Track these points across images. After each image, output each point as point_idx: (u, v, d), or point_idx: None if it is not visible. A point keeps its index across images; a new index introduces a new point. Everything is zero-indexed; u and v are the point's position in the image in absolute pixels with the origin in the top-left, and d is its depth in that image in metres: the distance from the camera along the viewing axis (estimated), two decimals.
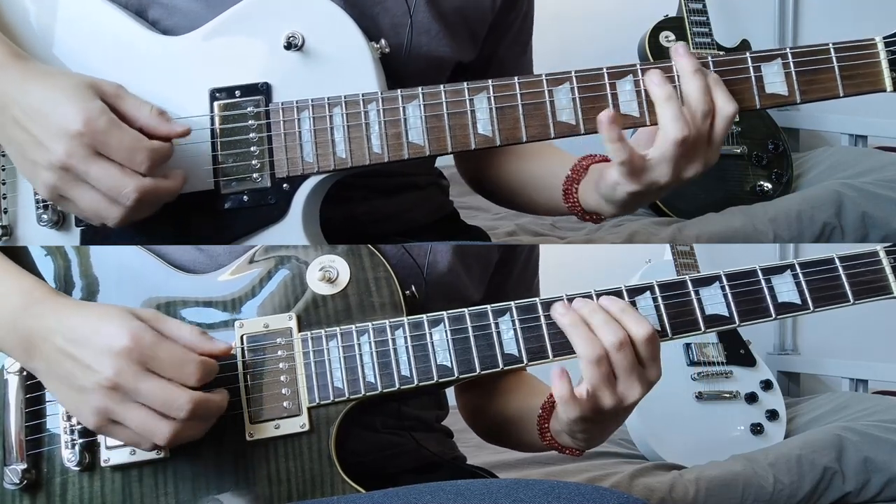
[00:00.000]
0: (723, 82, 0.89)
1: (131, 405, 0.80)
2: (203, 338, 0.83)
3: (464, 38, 1.06)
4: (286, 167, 0.92)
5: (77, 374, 0.80)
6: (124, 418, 0.80)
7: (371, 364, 0.88)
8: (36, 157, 0.83)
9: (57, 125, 0.82)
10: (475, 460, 1.16)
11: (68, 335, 0.81)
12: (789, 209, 2.21)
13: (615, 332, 0.85)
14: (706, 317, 0.90)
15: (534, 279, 1.19)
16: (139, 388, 0.79)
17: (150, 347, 0.80)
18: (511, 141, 0.91)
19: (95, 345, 0.80)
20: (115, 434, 0.82)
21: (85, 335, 0.80)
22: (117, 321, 0.81)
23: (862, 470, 1.98)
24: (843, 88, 0.90)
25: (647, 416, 2.22)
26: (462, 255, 1.01)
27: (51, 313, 0.83)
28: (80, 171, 0.83)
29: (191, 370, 0.81)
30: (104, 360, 0.79)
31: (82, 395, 0.80)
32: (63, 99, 0.83)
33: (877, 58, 0.90)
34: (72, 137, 0.82)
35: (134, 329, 0.80)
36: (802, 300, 0.91)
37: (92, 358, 0.79)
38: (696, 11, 2.50)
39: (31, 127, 0.83)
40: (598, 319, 0.86)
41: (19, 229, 0.94)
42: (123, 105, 0.86)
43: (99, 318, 0.82)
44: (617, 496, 0.77)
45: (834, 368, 2.79)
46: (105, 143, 0.82)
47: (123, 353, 0.79)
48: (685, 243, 2.32)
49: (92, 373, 0.79)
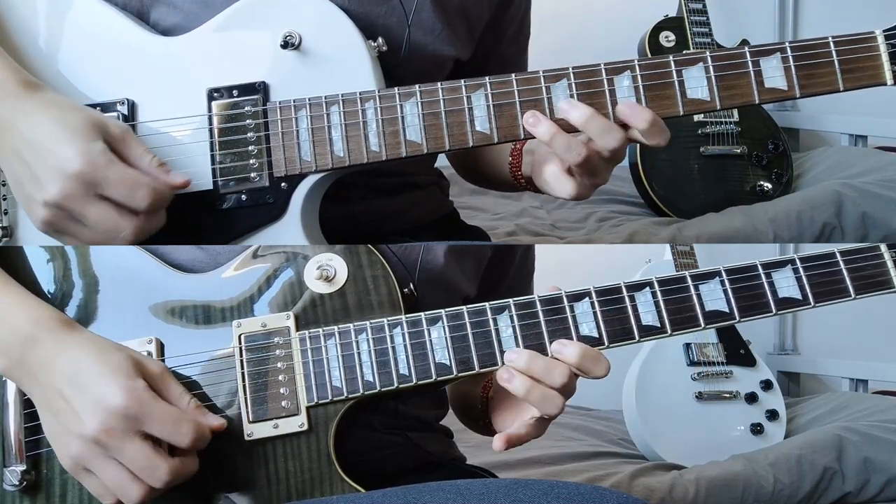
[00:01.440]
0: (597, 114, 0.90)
1: (109, 461, 0.79)
2: (199, 410, 0.83)
3: (463, 35, 1.07)
4: (284, 166, 0.92)
5: (66, 417, 0.80)
6: (99, 472, 0.80)
7: (369, 363, 0.87)
8: (32, 193, 0.83)
9: (55, 164, 0.81)
10: (475, 460, 1.15)
11: (69, 377, 0.80)
12: (789, 209, 2.21)
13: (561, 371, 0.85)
14: (706, 313, 0.89)
15: (529, 282, 1.19)
16: (123, 448, 0.79)
17: (145, 408, 0.80)
18: (509, 138, 0.91)
19: (91, 395, 0.79)
20: (85, 481, 0.82)
21: (83, 382, 0.80)
22: (119, 376, 0.80)
23: (862, 470, 1.98)
24: (842, 82, 0.89)
25: (647, 416, 2.22)
26: (457, 251, 1.01)
27: (57, 350, 0.82)
28: (76, 212, 0.82)
29: (186, 430, 0.80)
30: (94, 414, 0.79)
31: (64, 438, 0.81)
32: (66, 137, 0.82)
33: (877, 51, 0.89)
34: (69, 178, 0.81)
35: (132, 390, 0.80)
36: (803, 295, 0.90)
37: (83, 407, 0.79)
38: (696, 11, 2.50)
39: (30, 160, 0.82)
40: (538, 366, 0.86)
41: (20, 230, 0.94)
42: (126, 150, 0.85)
43: (102, 367, 0.81)
44: (617, 496, 0.77)
45: (834, 368, 2.79)
46: (105, 181, 0.82)
47: (116, 411, 0.79)
48: (685, 243, 2.32)
49: (79, 422, 0.79)
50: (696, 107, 0.90)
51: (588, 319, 0.88)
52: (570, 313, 0.88)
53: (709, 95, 0.90)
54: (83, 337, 0.84)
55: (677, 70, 0.90)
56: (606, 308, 0.88)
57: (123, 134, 0.85)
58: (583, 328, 0.88)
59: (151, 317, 0.90)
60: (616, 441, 2.31)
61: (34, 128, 0.83)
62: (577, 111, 0.89)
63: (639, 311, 0.89)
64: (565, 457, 2.11)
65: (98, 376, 0.80)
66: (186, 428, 0.81)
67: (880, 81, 0.90)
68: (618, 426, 2.37)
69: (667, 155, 2.35)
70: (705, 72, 0.90)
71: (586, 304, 0.88)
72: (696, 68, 0.90)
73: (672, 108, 0.90)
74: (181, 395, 0.83)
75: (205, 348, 0.88)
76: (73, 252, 0.92)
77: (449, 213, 1.20)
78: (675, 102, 0.90)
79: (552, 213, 2.37)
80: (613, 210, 2.38)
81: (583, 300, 0.89)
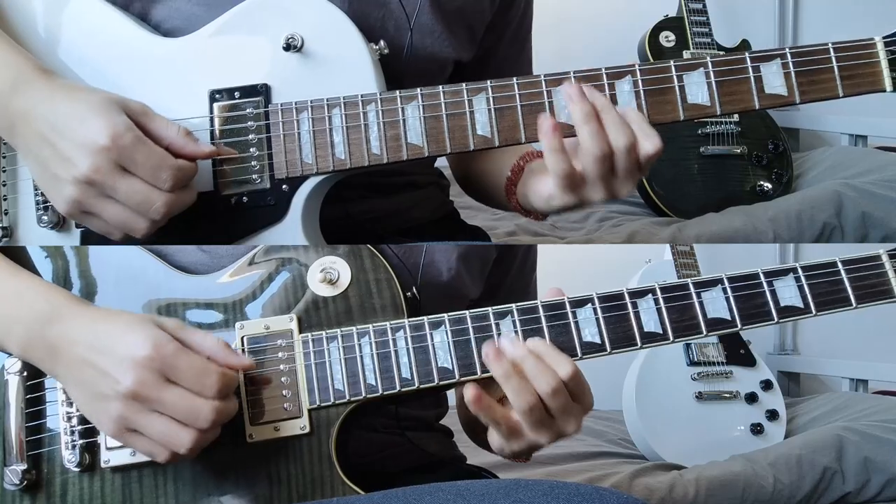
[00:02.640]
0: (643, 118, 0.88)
1: (152, 415, 0.79)
2: (226, 350, 0.83)
3: (463, 37, 1.07)
4: (285, 168, 0.92)
5: (98, 382, 0.80)
6: (144, 428, 0.80)
7: (372, 366, 0.87)
8: (59, 172, 0.83)
9: (83, 139, 0.81)
10: (475, 460, 1.15)
11: (92, 343, 0.81)
12: (789, 209, 2.21)
13: (549, 380, 0.84)
14: (708, 320, 0.89)
15: (531, 279, 1.19)
16: (161, 397, 0.79)
17: (171, 357, 0.80)
18: (510, 142, 0.91)
19: (117, 353, 0.80)
20: (134, 443, 0.81)
21: (108, 344, 0.80)
22: (140, 330, 0.80)
23: (862, 470, 1.98)
24: (842, 89, 0.90)
25: (647, 416, 2.22)
26: (461, 254, 1.01)
27: (75, 322, 0.83)
28: (106, 185, 0.82)
29: (211, 381, 0.80)
30: (125, 369, 0.79)
31: (102, 403, 0.80)
32: (89, 114, 0.82)
33: (876, 58, 0.90)
34: (98, 152, 0.81)
35: (156, 338, 0.80)
36: (805, 304, 0.90)
37: (113, 366, 0.79)
38: (696, 11, 2.50)
39: (56, 141, 0.82)
40: (529, 366, 0.84)
41: (20, 230, 0.94)
42: (150, 123, 0.85)
43: (122, 327, 0.81)
44: (617, 496, 0.77)
45: (834, 368, 2.79)
46: (131, 159, 0.82)
47: (145, 363, 0.79)
48: (685, 243, 2.32)
49: (112, 381, 0.79)
50: (696, 112, 0.90)
51: (590, 325, 0.88)
52: (572, 319, 0.88)
53: (709, 101, 0.90)
54: (94, 308, 0.86)
55: (678, 75, 0.90)
56: (609, 314, 0.88)
57: (144, 108, 0.86)
58: (585, 334, 0.88)
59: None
60: (616, 441, 2.31)
61: (56, 110, 0.83)
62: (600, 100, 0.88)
63: (641, 317, 0.89)
64: (565, 457, 2.12)
65: (120, 333, 0.81)
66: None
67: (879, 88, 0.90)
68: (618, 426, 2.37)
69: (667, 155, 2.33)
70: (706, 77, 0.90)
71: (589, 310, 0.89)
72: (697, 73, 0.90)
73: (672, 112, 0.90)
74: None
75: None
76: (72, 253, 0.92)
77: (449, 212, 1.20)
78: (675, 107, 0.90)
79: None
80: (613, 210, 2.38)
81: (585, 306, 0.89)
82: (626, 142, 0.87)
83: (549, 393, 0.83)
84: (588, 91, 0.88)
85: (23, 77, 0.86)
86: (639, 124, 0.88)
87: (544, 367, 0.84)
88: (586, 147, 0.87)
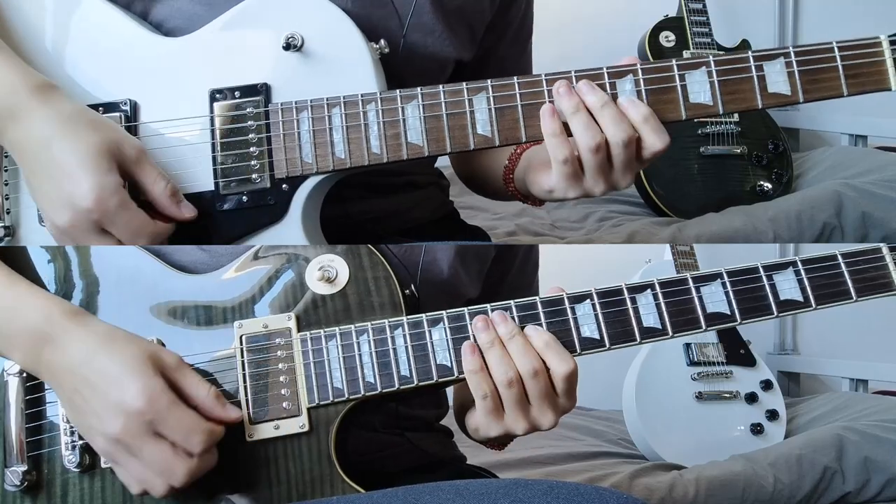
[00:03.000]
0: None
1: (132, 458, 0.81)
2: (217, 403, 0.83)
3: (463, 36, 1.07)
4: (285, 168, 0.92)
5: (87, 414, 0.81)
6: (124, 466, 0.82)
7: (370, 364, 0.88)
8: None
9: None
10: (475, 460, 1.16)
11: (86, 377, 0.81)
12: (789, 209, 2.21)
13: (531, 361, 0.85)
14: (707, 315, 0.89)
15: (534, 277, 1.19)
16: (142, 449, 0.80)
17: (163, 412, 0.80)
18: (510, 141, 0.91)
19: (109, 398, 0.80)
20: (116, 470, 0.83)
21: (101, 384, 0.80)
22: (137, 377, 0.80)
23: (862, 470, 1.98)
24: (847, 88, 0.89)
25: (647, 416, 2.22)
26: (460, 253, 1.01)
27: (71, 348, 0.82)
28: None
29: (198, 440, 0.81)
30: (114, 415, 0.80)
31: (90, 433, 0.82)
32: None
33: (881, 56, 0.89)
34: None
35: (151, 390, 0.80)
36: (805, 297, 0.90)
37: (103, 409, 0.80)
38: (696, 11, 2.50)
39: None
40: (515, 346, 0.86)
41: (22, 230, 0.94)
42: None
43: (119, 368, 0.81)
44: (617, 496, 0.77)
45: (834, 368, 2.79)
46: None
47: (135, 415, 0.79)
48: (685, 243, 2.32)
49: (101, 422, 0.80)
50: (698, 111, 0.90)
51: (589, 321, 0.88)
52: (571, 315, 0.88)
53: (711, 100, 0.90)
54: (94, 329, 0.84)
55: (680, 74, 0.90)
56: (608, 310, 0.89)
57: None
58: (584, 330, 0.88)
59: (152, 317, 0.90)
60: (616, 441, 2.31)
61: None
62: (594, 96, 0.89)
63: (640, 312, 0.89)
64: (565, 457, 2.12)
65: (115, 377, 0.80)
66: (197, 438, 0.81)
67: (884, 87, 0.89)
68: (618, 426, 2.37)
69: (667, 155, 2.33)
70: (708, 76, 0.90)
71: (587, 305, 0.89)
72: (699, 72, 0.90)
73: (674, 112, 0.90)
74: (199, 384, 0.83)
75: (206, 349, 0.88)
76: (74, 253, 0.92)
77: (449, 212, 1.20)
78: (677, 107, 0.90)
79: (552, 212, 2.37)
80: (613, 210, 2.38)
81: (584, 302, 0.89)
82: (623, 136, 0.88)
83: (530, 372, 0.85)
84: (587, 87, 0.89)
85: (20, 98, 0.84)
86: (648, 120, 0.88)
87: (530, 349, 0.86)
88: (578, 138, 0.88)
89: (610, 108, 0.88)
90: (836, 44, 0.89)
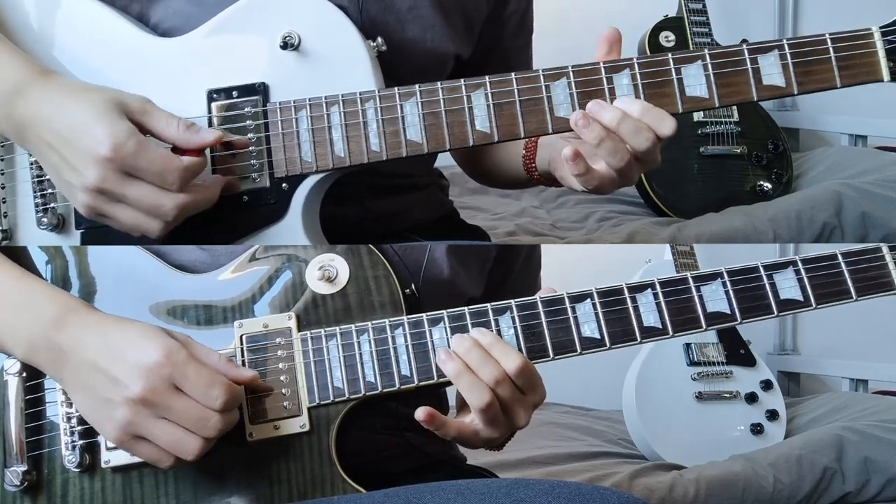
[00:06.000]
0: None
1: (160, 421, 0.80)
2: (230, 365, 0.84)
3: (462, 31, 1.07)
4: (285, 167, 0.92)
5: (106, 387, 0.80)
6: (151, 433, 0.80)
7: (371, 364, 0.87)
8: (70, 179, 0.84)
9: (86, 150, 0.82)
10: (475, 460, 1.15)
11: (102, 348, 0.81)
12: (789, 209, 2.21)
13: (491, 370, 0.85)
14: (707, 314, 0.89)
15: (536, 277, 1.19)
16: (170, 404, 0.80)
17: (182, 366, 0.80)
18: (509, 137, 0.91)
19: (128, 359, 0.80)
20: (137, 450, 0.82)
21: (119, 350, 0.81)
22: (152, 338, 0.81)
23: (862, 470, 1.98)
24: (840, 79, 0.89)
25: (647, 416, 2.22)
26: (459, 253, 1.01)
27: (85, 327, 0.83)
28: (116, 192, 0.83)
29: (218, 392, 0.81)
30: (136, 375, 0.79)
31: (107, 409, 0.81)
32: (91, 121, 0.83)
33: (873, 48, 0.89)
34: (102, 162, 0.82)
35: (168, 347, 0.81)
36: (805, 297, 0.90)
37: (123, 372, 0.80)
38: (696, 11, 2.50)
39: (62, 150, 0.83)
40: (474, 358, 0.86)
41: (20, 232, 0.94)
42: (151, 121, 0.86)
43: (133, 334, 0.82)
44: (617, 496, 0.77)
45: (834, 368, 2.79)
46: (135, 166, 0.83)
47: (156, 370, 0.79)
48: (685, 243, 2.32)
49: (122, 387, 0.80)
50: (694, 104, 0.90)
51: (590, 320, 0.88)
52: (571, 314, 0.88)
53: (707, 93, 0.90)
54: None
55: (676, 68, 0.90)
56: (608, 309, 0.89)
57: (143, 105, 0.86)
58: (584, 329, 0.88)
59: (152, 317, 0.90)
60: (616, 441, 2.31)
61: (57, 116, 0.84)
62: (609, 113, 0.88)
63: (640, 312, 0.89)
64: (565, 457, 2.12)
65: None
66: (217, 391, 0.81)
67: (877, 78, 0.90)
68: (618, 426, 2.37)
69: (667, 155, 2.34)
70: (704, 69, 0.90)
71: (588, 305, 0.89)
72: (695, 66, 0.90)
73: (671, 105, 0.90)
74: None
75: None
76: (72, 252, 0.92)
77: (449, 212, 1.20)
78: (673, 100, 0.90)
79: (552, 212, 2.37)
80: (613, 210, 2.38)
81: (584, 301, 0.89)
82: (648, 144, 0.88)
83: (495, 380, 0.85)
84: (597, 107, 0.89)
85: (24, 79, 0.87)
86: (650, 113, 0.89)
87: (488, 357, 0.86)
88: (609, 162, 0.89)
89: (627, 120, 0.88)
90: (828, 35, 0.90)
